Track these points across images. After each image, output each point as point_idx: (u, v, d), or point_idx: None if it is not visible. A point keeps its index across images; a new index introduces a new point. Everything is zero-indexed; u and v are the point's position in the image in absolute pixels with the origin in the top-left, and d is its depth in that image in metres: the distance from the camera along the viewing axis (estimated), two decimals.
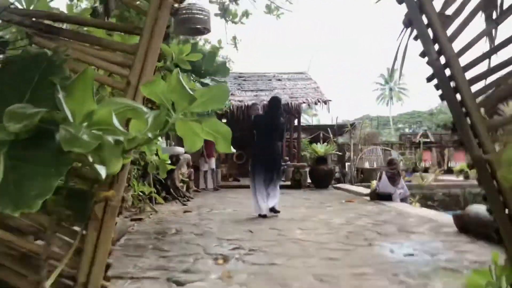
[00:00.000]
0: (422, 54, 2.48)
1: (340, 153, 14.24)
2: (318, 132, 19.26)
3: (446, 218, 5.17)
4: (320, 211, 6.23)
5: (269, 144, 5.74)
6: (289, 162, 14.96)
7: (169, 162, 5.01)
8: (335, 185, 11.30)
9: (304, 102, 11.02)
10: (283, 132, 6.08)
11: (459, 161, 21.32)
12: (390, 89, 56.05)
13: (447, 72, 2.43)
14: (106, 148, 1.19)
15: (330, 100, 10.92)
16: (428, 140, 21.80)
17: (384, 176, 7.54)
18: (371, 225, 4.72)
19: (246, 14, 10.46)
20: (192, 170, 10.28)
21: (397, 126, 55.99)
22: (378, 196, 7.53)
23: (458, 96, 2.31)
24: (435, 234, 4.09)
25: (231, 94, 11.76)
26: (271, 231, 4.45)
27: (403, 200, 7.56)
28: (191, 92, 1.37)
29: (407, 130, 57.43)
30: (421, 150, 21.33)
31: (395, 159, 7.88)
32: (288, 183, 11.94)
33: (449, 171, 20.55)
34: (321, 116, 42.13)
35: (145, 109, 1.39)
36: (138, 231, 4.57)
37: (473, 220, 3.92)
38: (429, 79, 2.50)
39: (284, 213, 5.97)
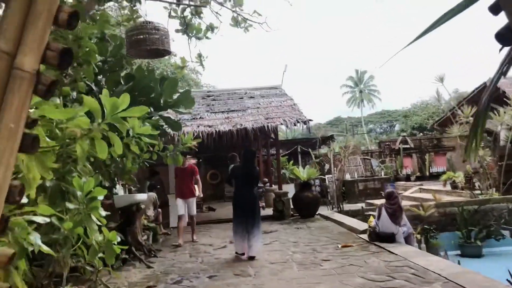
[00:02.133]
0: None
1: (324, 178, 13.21)
2: (295, 147, 18.22)
3: (477, 281, 4.11)
4: (317, 273, 5.02)
5: (247, 191, 6.30)
6: (268, 185, 13.72)
7: (117, 241, 3.68)
8: (322, 214, 10.14)
9: (281, 124, 9.84)
10: (258, 178, 6.86)
11: (440, 166, 20.75)
12: (360, 92, 55.74)
13: None
14: None
15: (310, 120, 9.79)
16: (408, 146, 21.12)
17: (384, 213, 6.43)
18: None
19: (211, 28, 9.25)
20: (159, 210, 8.89)
21: (368, 126, 55.84)
22: (379, 237, 6.43)
23: None
24: None
25: (200, 117, 10.45)
26: None
27: (407, 239, 6.48)
28: None
29: (378, 130, 57.33)
30: (401, 157, 20.64)
31: (395, 192, 6.77)
32: (270, 213, 10.71)
33: (432, 176, 19.93)
34: None
35: None
36: None
37: None
38: None
39: (274, 281, 4.79)
